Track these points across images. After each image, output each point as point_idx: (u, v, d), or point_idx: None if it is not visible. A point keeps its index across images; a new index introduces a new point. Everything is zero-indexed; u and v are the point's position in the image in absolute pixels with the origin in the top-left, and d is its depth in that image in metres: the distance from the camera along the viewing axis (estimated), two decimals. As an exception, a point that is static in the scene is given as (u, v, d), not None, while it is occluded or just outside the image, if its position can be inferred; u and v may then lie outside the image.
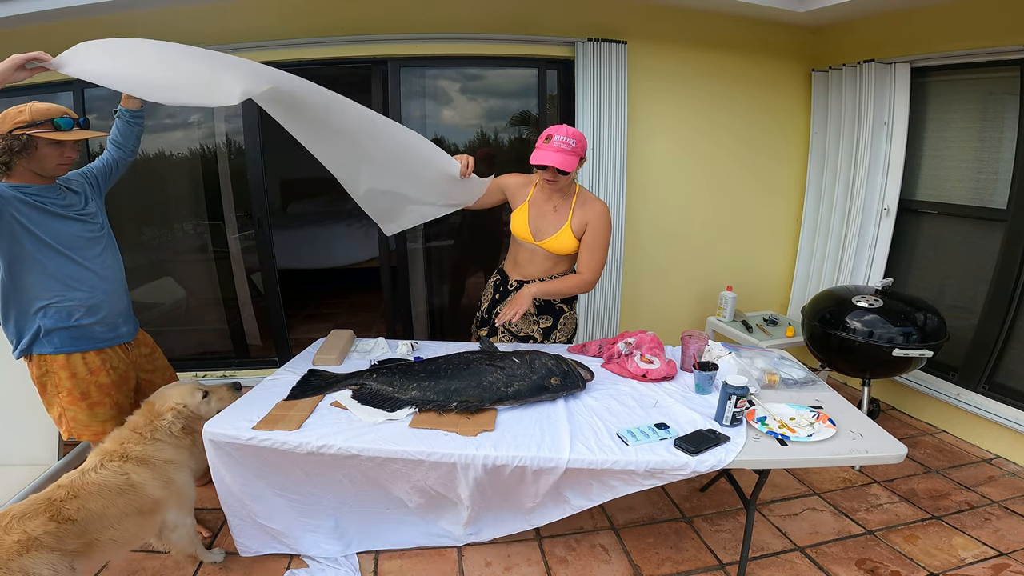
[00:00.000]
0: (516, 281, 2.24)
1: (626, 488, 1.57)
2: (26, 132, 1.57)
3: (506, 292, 2.27)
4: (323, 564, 1.82)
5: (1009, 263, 2.60)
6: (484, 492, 1.65)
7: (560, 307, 2.24)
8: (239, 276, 3.49)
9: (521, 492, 1.64)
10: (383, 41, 2.95)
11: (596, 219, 2.04)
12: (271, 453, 1.63)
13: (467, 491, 1.62)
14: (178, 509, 1.68)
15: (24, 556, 1.30)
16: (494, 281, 2.35)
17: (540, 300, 2.20)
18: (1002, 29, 2.46)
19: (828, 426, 1.63)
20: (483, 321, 2.37)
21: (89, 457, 1.61)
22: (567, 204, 2.08)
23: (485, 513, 1.76)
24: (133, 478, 1.57)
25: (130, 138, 1.97)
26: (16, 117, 1.57)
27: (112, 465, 1.56)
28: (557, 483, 1.60)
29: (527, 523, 1.74)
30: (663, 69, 3.20)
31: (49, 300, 1.68)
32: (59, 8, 2.51)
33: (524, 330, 2.25)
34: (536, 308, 2.23)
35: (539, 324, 2.25)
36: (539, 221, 2.11)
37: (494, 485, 1.62)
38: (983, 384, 2.75)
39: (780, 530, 2.11)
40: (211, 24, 2.85)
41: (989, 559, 1.94)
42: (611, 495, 1.59)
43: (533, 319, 2.24)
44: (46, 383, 1.75)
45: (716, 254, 3.59)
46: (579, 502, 1.64)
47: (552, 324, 2.25)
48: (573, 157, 1.93)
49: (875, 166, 3.01)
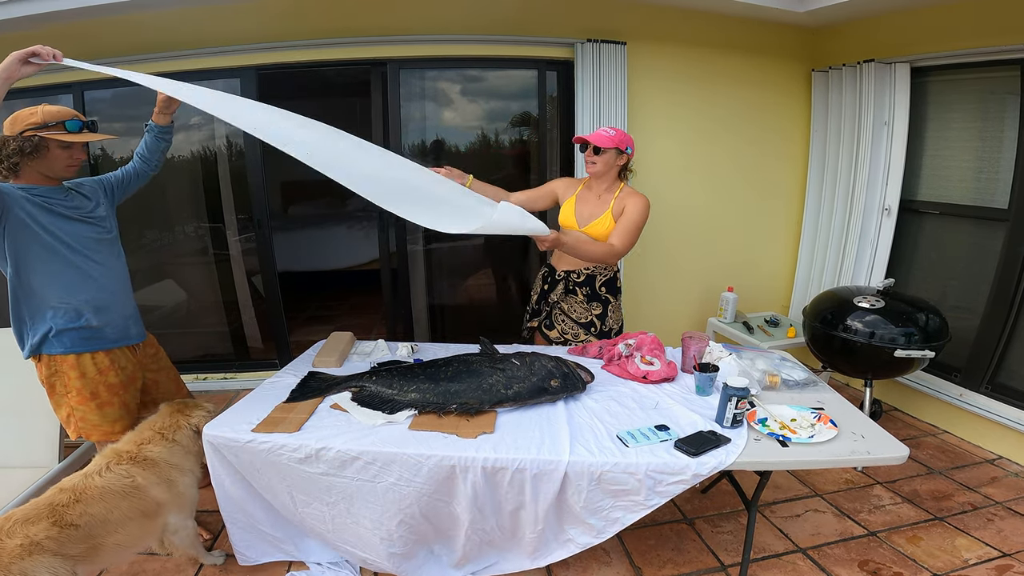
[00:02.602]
0: (563, 271, 2.34)
1: (631, 517, 1.56)
2: (37, 133, 1.57)
3: (554, 283, 2.37)
4: (324, 567, 1.81)
5: (1011, 263, 2.59)
6: (483, 510, 1.61)
7: (607, 297, 2.33)
8: (240, 278, 3.49)
9: (521, 517, 1.61)
10: (382, 43, 2.96)
11: (634, 203, 2.17)
12: (266, 465, 1.62)
13: (464, 505, 1.59)
14: (179, 512, 1.68)
15: (26, 560, 1.30)
16: (542, 273, 2.46)
17: (588, 289, 2.31)
18: (1002, 28, 2.45)
19: (829, 427, 1.63)
20: (533, 312, 2.47)
21: (96, 459, 1.62)
22: (611, 195, 2.23)
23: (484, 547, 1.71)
24: (138, 480, 1.57)
25: (156, 152, 2.02)
26: (28, 119, 1.58)
27: (118, 468, 1.57)
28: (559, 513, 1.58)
29: (530, 560, 1.69)
30: (663, 70, 3.20)
31: (57, 300, 1.68)
32: (59, 10, 2.51)
33: (583, 315, 2.33)
34: (585, 297, 2.32)
35: (591, 311, 2.33)
36: (583, 209, 2.27)
37: (493, 501, 1.59)
38: (985, 385, 2.74)
39: (782, 531, 2.10)
40: (211, 26, 2.86)
41: (992, 560, 1.93)
42: (617, 528, 1.58)
43: (585, 305, 2.32)
44: (55, 383, 1.76)
45: (717, 255, 3.58)
46: (585, 540, 1.62)
47: (602, 312, 2.34)
48: (608, 140, 2.13)
49: (876, 166, 3.00)
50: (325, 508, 1.67)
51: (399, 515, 1.62)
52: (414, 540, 1.69)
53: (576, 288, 2.33)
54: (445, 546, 1.74)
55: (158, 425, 1.72)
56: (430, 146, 3.34)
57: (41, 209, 1.63)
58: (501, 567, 1.75)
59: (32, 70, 1.48)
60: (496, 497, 1.59)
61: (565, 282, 2.34)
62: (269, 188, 3.24)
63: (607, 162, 2.18)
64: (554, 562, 1.67)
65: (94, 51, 2.86)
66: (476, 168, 3.57)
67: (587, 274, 2.31)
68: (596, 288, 2.32)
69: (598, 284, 2.32)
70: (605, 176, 2.22)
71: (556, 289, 2.35)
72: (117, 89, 3.01)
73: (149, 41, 2.86)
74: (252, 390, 1.94)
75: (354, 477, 1.60)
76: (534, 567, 1.71)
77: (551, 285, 2.39)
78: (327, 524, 1.70)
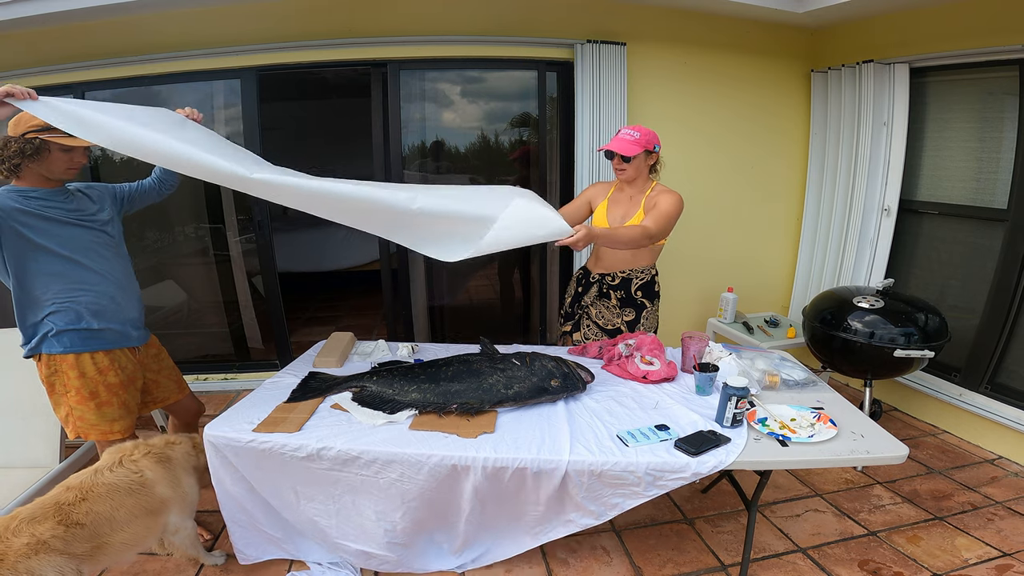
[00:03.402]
0: (598, 274, 2.31)
1: (630, 503, 1.56)
2: (39, 136, 1.58)
3: (588, 286, 2.34)
4: (324, 567, 1.81)
5: (1010, 263, 2.60)
6: (484, 503, 1.62)
7: (642, 302, 2.27)
8: (240, 279, 3.50)
9: (522, 498, 1.62)
10: (383, 44, 2.96)
11: (666, 198, 2.12)
12: (268, 464, 1.63)
13: (467, 498, 1.60)
14: (180, 511, 1.68)
15: (32, 559, 1.31)
16: (577, 275, 2.43)
17: (623, 293, 2.26)
18: (1001, 29, 2.45)
19: (829, 427, 1.63)
20: (567, 316, 2.44)
21: (105, 454, 1.63)
22: (641, 195, 2.21)
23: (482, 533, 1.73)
24: (147, 475, 1.59)
25: (172, 175, 2.03)
26: (31, 120, 1.58)
27: (129, 463, 1.59)
28: (560, 501, 1.59)
29: (531, 538, 1.71)
30: (662, 70, 3.21)
31: (56, 303, 1.69)
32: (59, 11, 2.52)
33: (611, 322, 2.29)
34: (619, 301, 2.27)
35: (623, 317, 2.28)
36: (616, 211, 2.25)
37: (494, 494, 1.60)
38: (985, 384, 2.74)
39: (782, 531, 2.10)
40: (211, 27, 2.86)
41: (992, 560, 1.93)
42: (616, 512, 1.59)
43: (617, 311, 2.28)
44: (54, 383, 1.76)
45: (717, 255, 3.58)
46: (585, 521, 1.63)
47: (635, 318, 2.27)
48: (634, 146, 2.10)
49: (875, 167, 3.00)
50: (330, 501, 1.67)
51: (403, 507, 1.64)
52: (415, 530, 1.71)
53: (610, 291, 2.27)
54: (446, 533, 1.75)
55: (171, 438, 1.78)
56: (430, 147, 3.35)
57: (36, 217, 1.63)
58: (501, 550, 1.76)
59: (7, 111, 1.47)
60: (497, 491, 1.60)
61: (600, 284, 2.29)
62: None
63: (638, 166, 2.16)
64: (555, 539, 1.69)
65: (94, 51, 2.88)
66: (476, 169, 3.60)
67: (623, 277, 2.25)
68: (632, 292, 2.25)
69: (634, 288, 2.25)
70: (637, 179, 2.20)
71: (590, 292, 2.32)
72: (117, 91, 3.02)
73: (149, 41, 2.87)
74: (253, 390, 1.95)
75: (356, 473, 1.61)
76: (535, 544, 1.72)
77: (585, 288, 2.35)
78: (330, 519, 1.71)
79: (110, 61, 2.90)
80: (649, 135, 2.14)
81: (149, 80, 3.00)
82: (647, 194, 2.19)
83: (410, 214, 1.69)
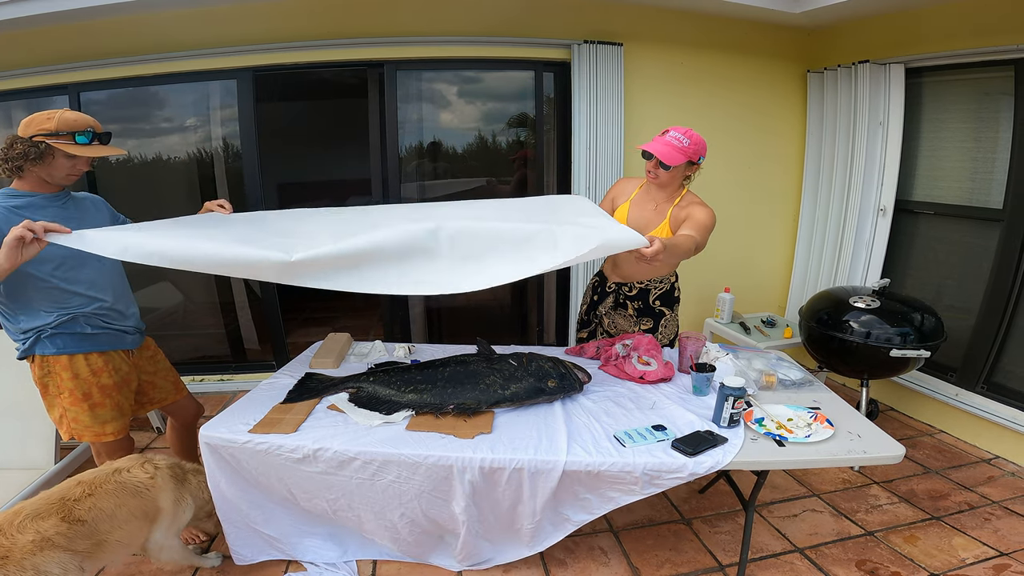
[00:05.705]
0: (614, 283, 2.24)
1: (626, 498, 1.56)
2: (46, 140, 1.57)
3: (604, 294, 2.27)
4: (321, 568, 1.81)
5: (1006, 263, 2.61)
6: (480, 507, 1.62)
7: (660, 310, 2.20)
8: (236, 280, 3.49)
9: (519, 511, 1.62)
10: (379, 44, 2.96)
11: (701, 210, 1.98)
12: (264, 466, 1.62)
13: (462, 505, 1.60)
14: (168, 528, 1.66)
15: (38, 556, 1.33)
16: (592, 283, 2.35)
17: (640, 303, 2.19)
18: (996, 29, 2.46)
19: (826, 427, 1.63)
20: (582, 323, 2.38)
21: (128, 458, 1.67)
22: (669, 205, 2.06)
23: (481, 542, 1.74)
24: (156, 480, 1.62)
25: None
26: (42, 124, 1.58)
27: (149, 466, 1.64)
28: (555, 499, 1.58)
29: (528, 548, 1.72)
30: (659, 71, 3.21)
31: (49, 306, 1.68)
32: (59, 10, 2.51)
33: (626, 332, 2.23)
34: (636, 312, 2.21)
35: (640, 327, 2.22)
36: (638, 218, 2.08)
37: (491, 499, 1.60)
38: (981, 384, 2.74)
39: (779, 531, 2.10)
40: (207, 27, 2.85)
41: (990, 559, 1.94)
42: (611, 506, 1.59)
43: (633, 320, 2.22)
44: (48, 384, 1.75)
45: (713, 256, 3.56)
46: (580, 517, 1.63)
47: (653, 327, 2.21)
48: (679, 154, 1.93)
49: (871, 167, 3.01)
50: (326, 504, 1.68)
51: (400, 509, 1.64)
52: (419, 531, 1.72)
53: (627, 302, 2.21)
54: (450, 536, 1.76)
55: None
56: (427, 148, 3.34)
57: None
58: (500, 559, 1.77)
59: (35, 249, 1.46)
60: (493, 495, 1.60)
61: (616, 295, 2.22)
62: (266, 189, 3.24)
63: (673, 176, 1.99)
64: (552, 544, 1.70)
65: (93, 51, 2.87)
66: (474, 170, 3.60)
67: (640, 288, 2.17)
68: (650, 302, 2.18)
69: (652, 298, 2.18)
70: (668, 186, 2.05)
71: (605, 301, 2.24)
72: (113, 91, 3.01)
73: (147, 42, 2.86)
74: (249, 392, 1.94)
75: (352, 476, 1.60)
76: (532, 553, 1.73)
77: (601, 296, 2.27)
78: (329, 518, 1.73)
79: (106, 61, 2.89)
80: (699, 144, 1.96)
81: (145, 80, 2.99)
82: (676, 203, 2.04)
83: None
